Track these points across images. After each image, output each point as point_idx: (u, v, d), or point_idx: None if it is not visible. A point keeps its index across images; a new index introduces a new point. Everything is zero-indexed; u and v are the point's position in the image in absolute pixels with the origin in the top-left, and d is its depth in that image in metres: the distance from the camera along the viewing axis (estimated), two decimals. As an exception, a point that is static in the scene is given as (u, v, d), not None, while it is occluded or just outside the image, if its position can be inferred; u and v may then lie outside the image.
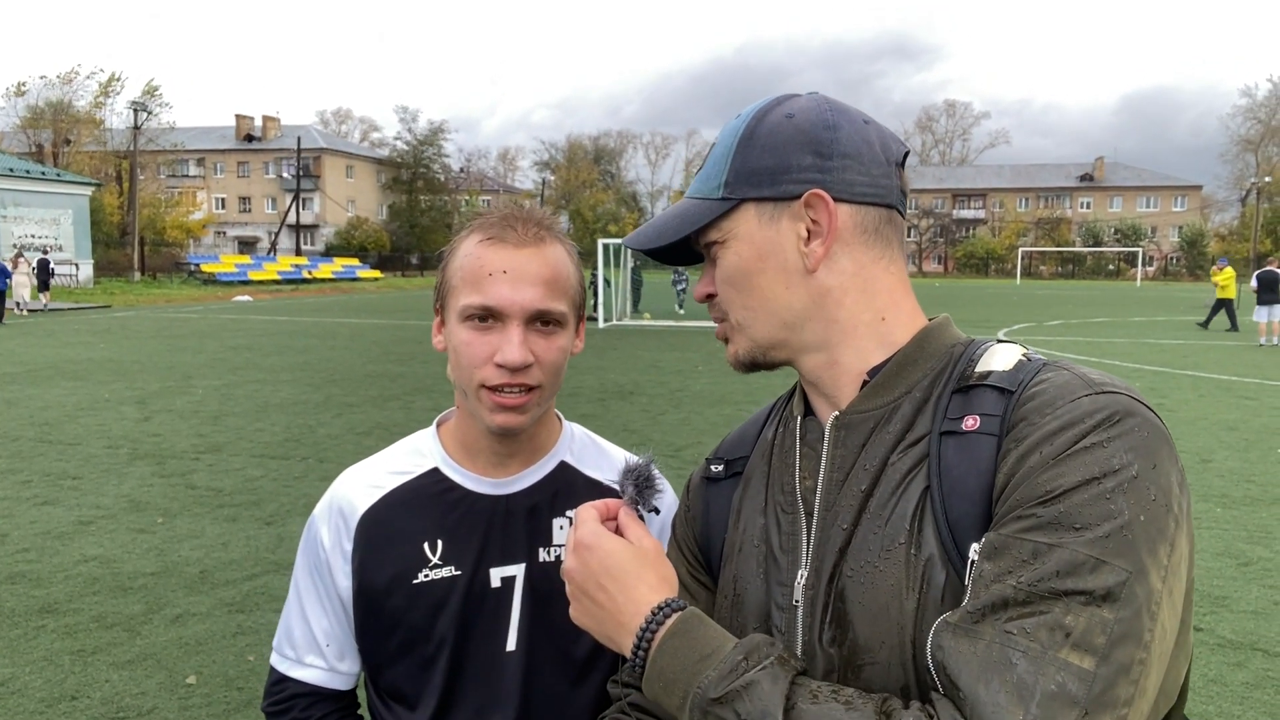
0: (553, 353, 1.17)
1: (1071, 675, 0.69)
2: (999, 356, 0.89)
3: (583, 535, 0.94)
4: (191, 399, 11.14)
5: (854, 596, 0.86)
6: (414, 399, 11.27)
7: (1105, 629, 0.70)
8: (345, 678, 1.31)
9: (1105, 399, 0.79)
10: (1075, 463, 0.76)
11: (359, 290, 45.46)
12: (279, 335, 20.11)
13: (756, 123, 0.95)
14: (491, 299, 1.14)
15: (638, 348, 17.94)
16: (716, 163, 0.96)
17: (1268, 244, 70.42)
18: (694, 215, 0.96)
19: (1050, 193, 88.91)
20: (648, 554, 0.93)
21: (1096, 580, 0.71)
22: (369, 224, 76.11)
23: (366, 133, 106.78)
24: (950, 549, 0.81)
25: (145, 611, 4.65)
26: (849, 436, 0.92)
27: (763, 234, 0.93)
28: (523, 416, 1.17)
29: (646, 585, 0.90)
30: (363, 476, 1.30)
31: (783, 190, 0.92)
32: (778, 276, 0.93)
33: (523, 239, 1.16)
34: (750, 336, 0.97)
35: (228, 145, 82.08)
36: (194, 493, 6.89)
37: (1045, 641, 0.70)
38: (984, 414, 0.84)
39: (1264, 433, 9.41)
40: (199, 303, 33.08)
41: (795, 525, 0.94)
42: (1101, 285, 63.42)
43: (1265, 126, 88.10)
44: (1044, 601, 0.72)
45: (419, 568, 1.23)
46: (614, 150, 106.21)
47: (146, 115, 49.09)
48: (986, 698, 0.70)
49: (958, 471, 0.83)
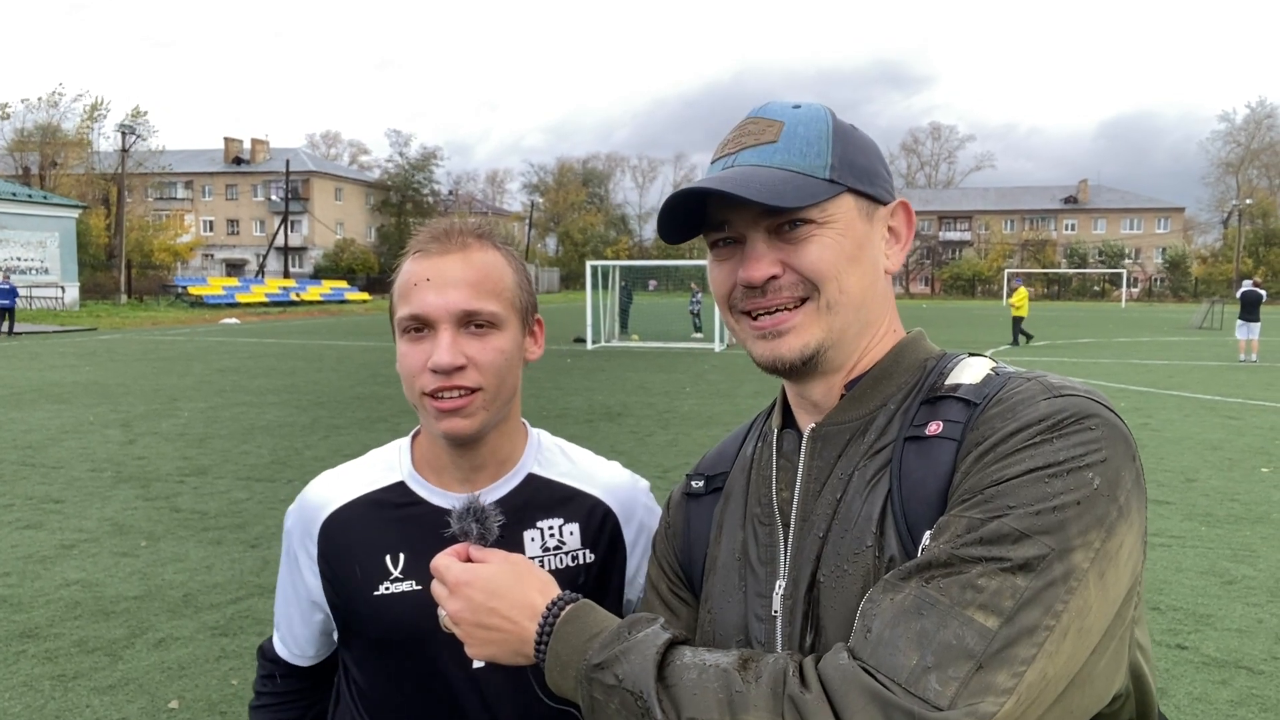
0: (489, 353, 1.17)
1: (972, 631, 0.71)
2: (969, 370, 0.92)
3: (455, 575, 0.96)
4: (177, 421, 11.08)
5: (827, 602, 0.88)
6: (401, 421, 11.23)
7: (1015, 594, 0.72)
8: (306, 659, 1.38)
9: (1063, 401, 0.81)
10: (1023, 455, 0.79)
11: (347, 312, 45.36)
12: (266, 358, 20.03)
13: (839, 122, 0.97)
14: (418, 307, 1.16)
15: (625, 369, 17.94)
16: (814, 144, 0.93)
17: (1250, 264, 71.16)
18: (809, 189, 0.90)
19: (1035, 215, 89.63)
20: (522, 566, 0.97)
21: (1017, 551, 0.74)
22: (357, 246, 75.97)
23: (355, 155, 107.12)
24: (910, 549, 0.83)
25: (128, 636, 4.61)
26: (825, 448, 0.94)
27: (861, 226, 0.95)
28: (467, 420, 1.16)
29: (535, 591, 0.94)
30: (331, 482, 1.32)
31: (878, 191, 0.96)
32: (869, 269, 0.95)
33: (447, 247, 1.19)
34: (827, 325, 0.92)
35: (216, 168, 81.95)
36: (178, 516, 6.84)
37: (955, 597, 0.73)
38: (948, 420, 0.87)
39: (1247, 452, 9.47)
40: (185, 325, 32.93)
41: (773, 537, 0.96)
42: (1087, 306, 63.86)
43: (1245, 150, 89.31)
44: (964, 565, 0.75)
45: (380, 580, 1.24)
46: (602, 173, 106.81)
47: (134, 138, 49.01)
48: (889, 639, 0.73)
49: (918, 475, 0.86)
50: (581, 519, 1.30)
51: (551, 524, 1.28)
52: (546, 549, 1.27)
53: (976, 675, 0.70)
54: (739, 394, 14.07)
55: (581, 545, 1.29)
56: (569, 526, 1.29)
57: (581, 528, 1.30)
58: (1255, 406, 12.94)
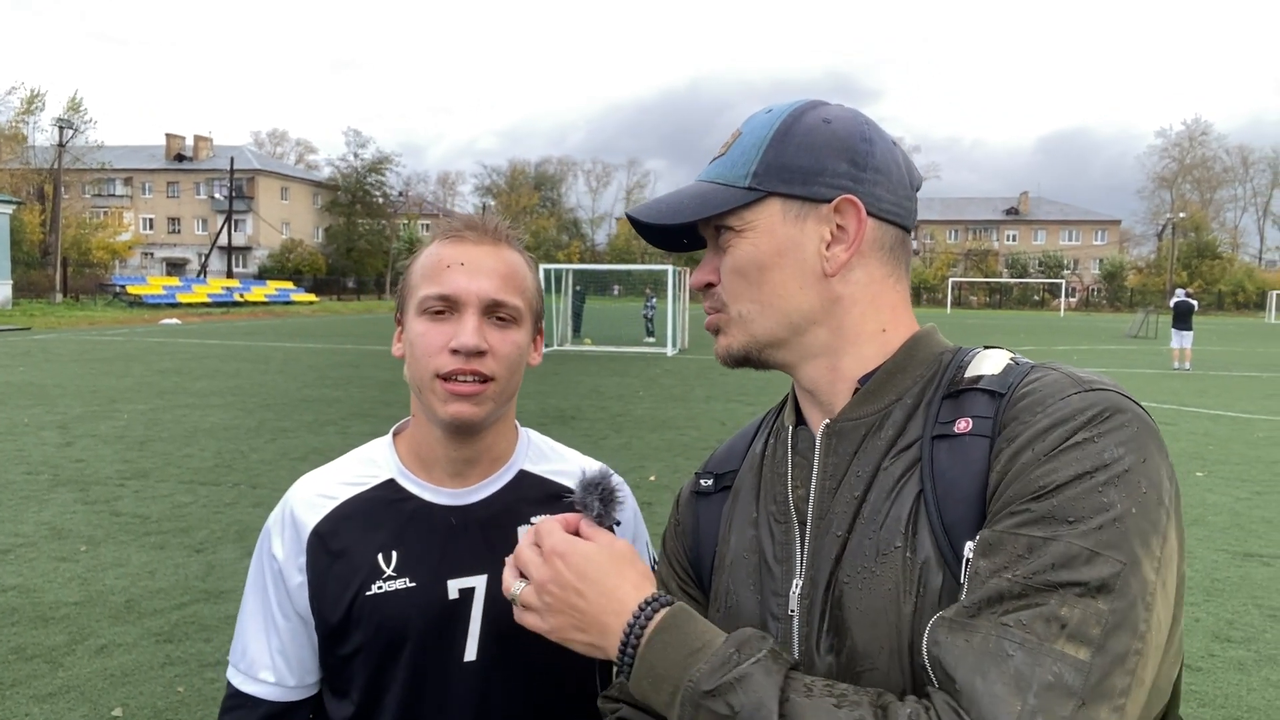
0: (508, 346, 1.19)
1: (1068, 666, 0.69)
2: (988, 361, 0.90)
3: (554, 543, 0.91)
4: (116, 424, 10.78)
5: (851, 603, 0.85)
6: (351, 424, 11.07)
7: (1100, 620, 0.71)
8: (298, 690, 1.28)
9: (1095, 395, 0.80)
10: (1067, 458, 0.76)
11: (293, 314, 44.56)
12: (209, 359, 19.58)
13: (793, 121, 0.94)
14: (449, 288, 1.16)
15: (578, 373, 17.91)
16: (745, 152, 0.94)
17: (1184, 276, 73.55)
18: (715, 200, 0.94)
19: (978, 225, 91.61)
20: (623, 554, 0.92)
21: (1091, 572, 0.72)
22: (304, 247, 74.68)
23: (303, 155, 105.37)
24: (946, 551, 0.81)
25: (68, 642, 4.46)
26: (840, 444, 0.92)
27: (785, 230, 0.92)
28: (476, 409, 1.17)
29: (629, 584, 0.89)
30: (315, 487, 1.28)
31: (814, 191, 0.91)
32: (793, 275, 0.92)
33: (481, 238, 1.21)
34: (750, 332, 0.95)
35: (157, 165, 79.93)
36: (119, 520, 6.66)
37: (1041, 633, 0.70)
38: (976, 416, 0.85)
39: (1182, 456, 9.76)
40: (124, 325, 32.03)
41: (789, 535, 0.94)
42: (1027, 315, 65.36)
43: (1179, 164, 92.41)
44: (1039, 594, 0.72)
45: (372, 580, 1.22)
46: (555, 177, 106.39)
47: (72, 132, 47.61)
48: (984, 689, 0.70)
49: (951, 474, 0.83)
50: None
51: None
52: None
53: (1081, 712, 0.69)
54: (692, 398, 14.13)
55: None
56: None
57: None
58: (1189, 413, 13.35)
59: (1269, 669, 4.38)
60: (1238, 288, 75.52)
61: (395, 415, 11.70)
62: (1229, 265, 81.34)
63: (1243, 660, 4.48)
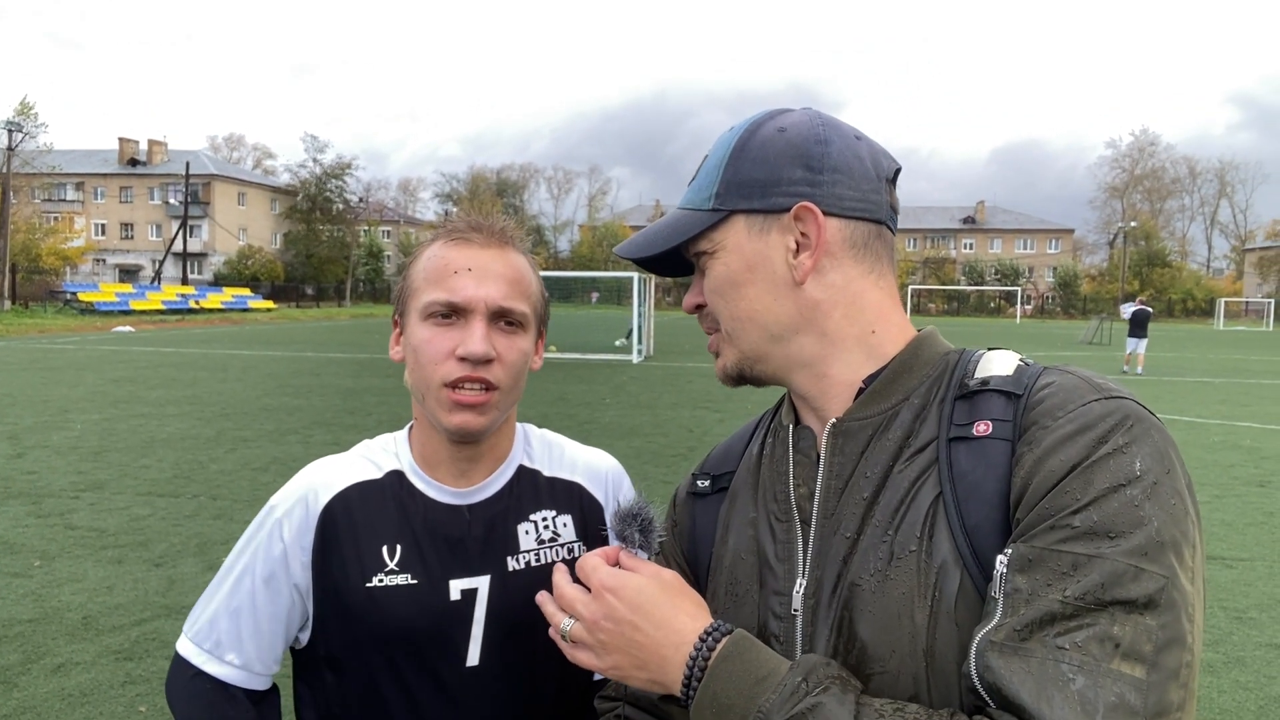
0: (514, 353, 1.17)
1: (1128, 685, 0.70)
2: (996, 363, 0.91)
3: (602, 578, 0.89)
4: (69, 434, 10.47)
5: (862, 605, 0.85)
6: (313, 433, 10.87)
7: (1151, 636, 0.71)
8: (262, 678, 1.23)
9: (1114, 404, 0.81)
10: (1099, 470, 0.76)
11: (251, 321, 43.85)
12: (164, 367, 19.16)
13: (749, 135, 0.95)
14: (456, 294, 1.14)
15: (544, 380, 17.80)
16: (708, 174, 0.97)
17: (1135, 284, 75.30)
18: (684, 226, 0.97)
19: (936, 234, 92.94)
20: (673, 584, 0.90)
21: (1138, 588, 0.72)
22: (262, 253, 73.53)
23: (260, 160, 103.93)
24: (967, 554, 0.81)
25: (22, 661, 4.30)
26: (847, 444, 0.91)
27: (752, 245, 0.93)
28: (481, 418, 1.15)
29: (685, 614, 0.87)
30: (328, 470, 1.26)
31: (772, 203, 0.92)
32: (766, 288, 0.93)
33: (488, 241, 1.19)
34: (738, 348, 0.97)
35: (109, 169, 78.20)
36: (74, 533, 6.45)
37: (1097, 654, 0.71)
38: (994, 419, 0.85)
39: (1141, 461, 9.93)
40: (75, 333, 31.28)
41: (791, 534, 0.93)
42: (984, 322, 66.39)
43: (1130, 175, 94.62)
44: (1090, 614, 0.72)
45: (375, 571, 1.19)
46: (517, 184, 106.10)
47: (21, 135, 46.47)
48: (1051, 715, 0.70)
49: (973, 477, 0.83)
50: (574, 511, 1.31)
51: (545, 515, 1.28)
52: (541, 541, 1.27)
53: None
54: (659, 405, 14.10)
55: (576, 538, 1.30)
56: (562, 518, 1.29)
57: (574, 519, 1.30)
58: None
59: (1238, 671, 4.44)
60: (1187, 295, 77.52)
61: (359, 424, 11.53)
62: (1178, 273, 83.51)
63: (1212, 663, 4.53)
